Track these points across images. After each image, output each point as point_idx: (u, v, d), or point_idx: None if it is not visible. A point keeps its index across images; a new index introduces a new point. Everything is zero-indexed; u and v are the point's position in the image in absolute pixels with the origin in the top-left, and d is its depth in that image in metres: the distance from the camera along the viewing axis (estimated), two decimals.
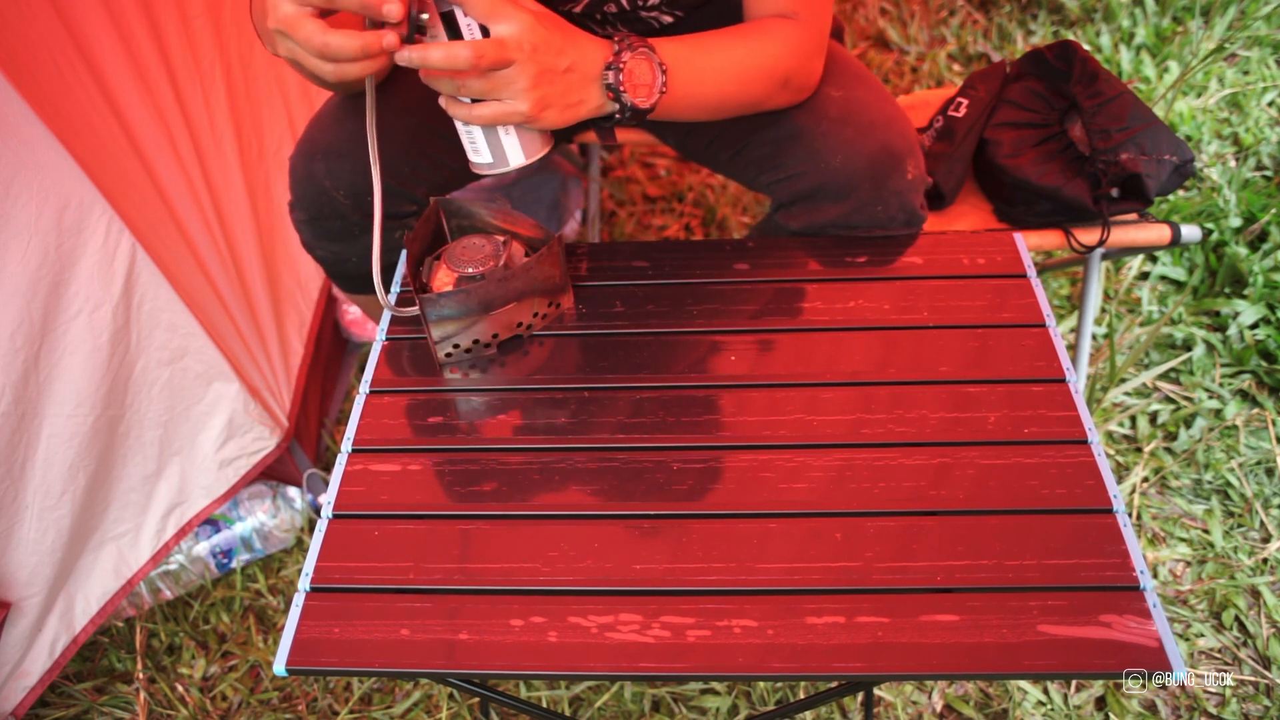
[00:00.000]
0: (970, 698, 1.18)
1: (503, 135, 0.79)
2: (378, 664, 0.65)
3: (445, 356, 0.84)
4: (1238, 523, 1.32)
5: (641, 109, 0.79)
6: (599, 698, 1.20)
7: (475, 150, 0.80)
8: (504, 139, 0.79)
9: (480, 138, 0.79)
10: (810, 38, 0.88)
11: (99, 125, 1.10)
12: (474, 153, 0.81)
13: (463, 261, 0.83)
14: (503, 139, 0.79)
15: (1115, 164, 1.12)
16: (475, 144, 0.80)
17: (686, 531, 0.71)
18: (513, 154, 0.80)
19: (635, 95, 0.78)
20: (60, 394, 1.07)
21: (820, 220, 0.92)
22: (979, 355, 0.82)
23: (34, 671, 1.15)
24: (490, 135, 0.79)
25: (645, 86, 0.78)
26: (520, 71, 0.71)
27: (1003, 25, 2.14)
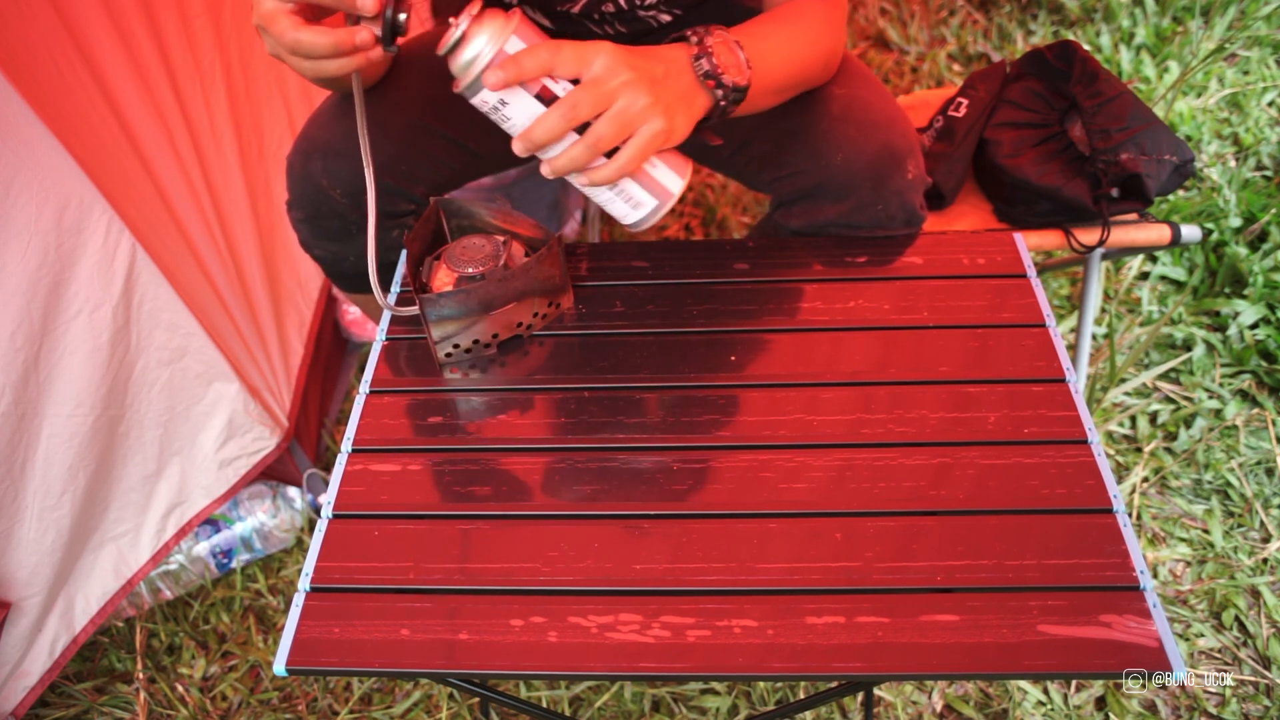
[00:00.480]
0: (970, 698, 1.18)
1: (652, 170, 0.76)
2: (378, 664, 0.65)
3: (445, 356, 0.84)
4: (1238, 523, 1.32)
5: (742, 86, 0.76)
6: (599, 698, 1.20)
7: (636, 204, 0.76)
8: (655, 173, 0.76)
9: (635, 188, 0.75)
10: (837, 16, 0.88)
11: (99, 125, 1.10)
12: (634, 208, 0.77)
13: (463, 261, 0.83)
14: (654, 174, 0.76)
15: (1115, 164, 1.12)
16: (633, 198, 0.76)
17: (686, 531, 0.71)
18: (670, 181, 0.76)
19: (733, 75, 0.76)
20: (60, 394, 1.07)
21: (820, 219, 0.92)
22: (979, 355, 0.82)
23: (34, 671, 1.15)
24: (643, 179, 0.75)
25: (735, 66, 0.76)
26: (636, 91, 0.70)
27: (1003, 25, 2.14)
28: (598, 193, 0.76)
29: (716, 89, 0.75)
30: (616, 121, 0.69)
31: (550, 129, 0.68)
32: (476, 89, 0.70)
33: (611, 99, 0.69)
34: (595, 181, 0.72)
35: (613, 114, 0.69)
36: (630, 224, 0.78)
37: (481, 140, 1.04)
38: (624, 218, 0.78)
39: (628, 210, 0.77)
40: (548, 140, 0.69)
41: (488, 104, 0.71)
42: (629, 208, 0.77)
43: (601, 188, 0.75)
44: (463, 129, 1.01)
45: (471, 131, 1.03)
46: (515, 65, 0.68)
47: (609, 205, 0.77)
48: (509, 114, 0.71)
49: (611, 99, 0.69)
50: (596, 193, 0.76)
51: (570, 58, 0.69)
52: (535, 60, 0.68)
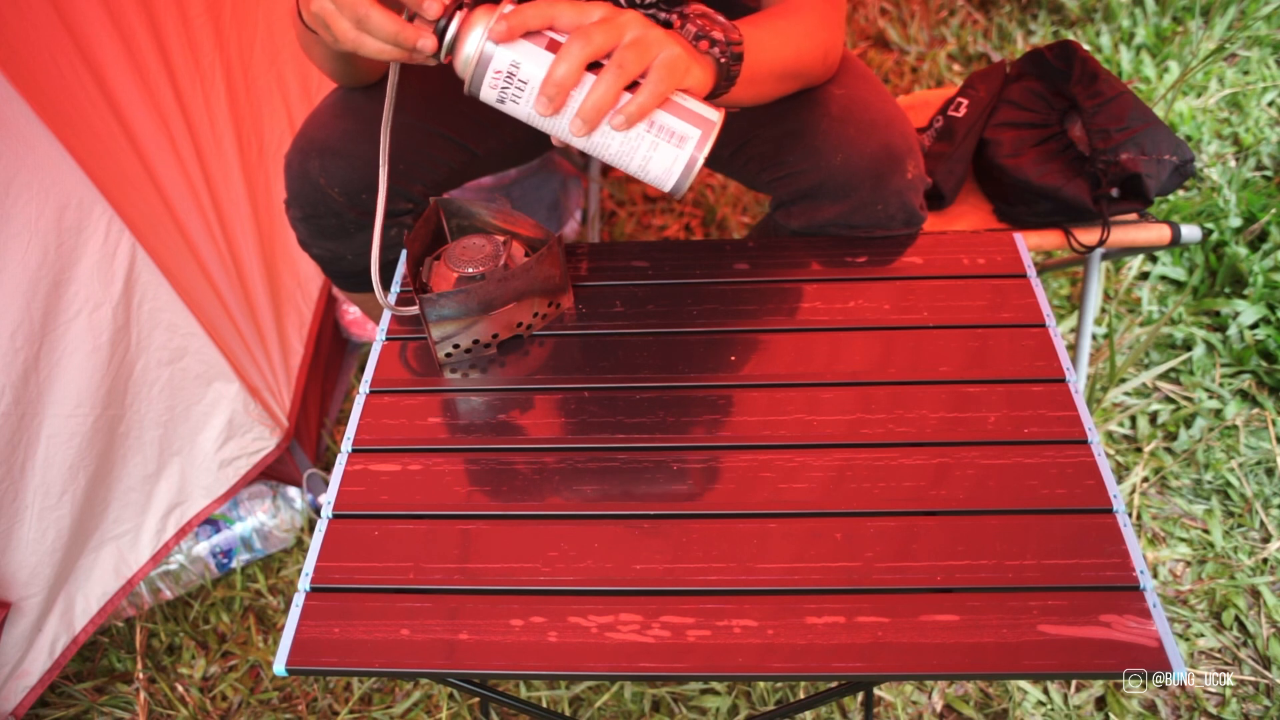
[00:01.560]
0: (970, 698, 1.18)
1: (683, 103, 0.70)
2: (378, 664, 0.65)
3: (445, 356, 0.84)
4: (1238, 523, 1.32)
5: (735, 39, 0.74)
6: (599, 698, 1.20)
7: (680, 139, 0.70)
8: (687, 104, 0.71)
9: (673, 120, 0.70)
10: (834, 13, 0.88)
11: (99, 125, 1.10)
12: (679, 144, 0.70)
13: (462, 261, 0.83)
14: (686, 104, 0.71)
15: (1115, 164, 1.12)
16: (675, 131, 0.70)
17: (686, 531, 0.71)
18: (706, 111, 0.71)
19: (722, 31, 0.74)
20: (60, 394, 1.07)
21: (820, 219, 0.92)
22: (979, 355, 0.82)
23: (34, 671, 1.15)
24: (676, 109, 0.70)
25: (721, 25, 0.75)
26: (645, 25, 0.68)
27: (1003, 25, 2.14)
28: (636, 149, 0.71)
29: (712, 47, 0.74)
30: (635, 47, 0.67)
31: (571, 62, 0.66)
32: (484, 69, 0.68)
33: (623, 30, 0.68)
34: (633, 114, 0.68)
35: (630, 41, 0.68)
36: (677, 174, 0.71)
37: (480, 139, 1.04)
38: (670, 169, 0.71)
39: (672, 153, 0.70)
40: (570, 76, 0.66)
41: (500, 77, 0.68)
42: (672, 148, 0.70)
43: (639, 139, 0.70)
44: (461, 128, 1.01)
45: (470, 130, 1.03)
46: (517, 15, 0.67)
47: (651, 159, 0.71)
48: (525, 76, 0.68)
49: (623, 30, 0.68)
50: (634, 150, 0.71)
51: (568, 8, 0.68)
52: (535, 11, 0.67)
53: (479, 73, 0.69)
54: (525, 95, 0.69)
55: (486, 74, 0.69)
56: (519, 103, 0.70)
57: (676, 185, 0.72)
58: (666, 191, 0.73)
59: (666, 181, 0.72)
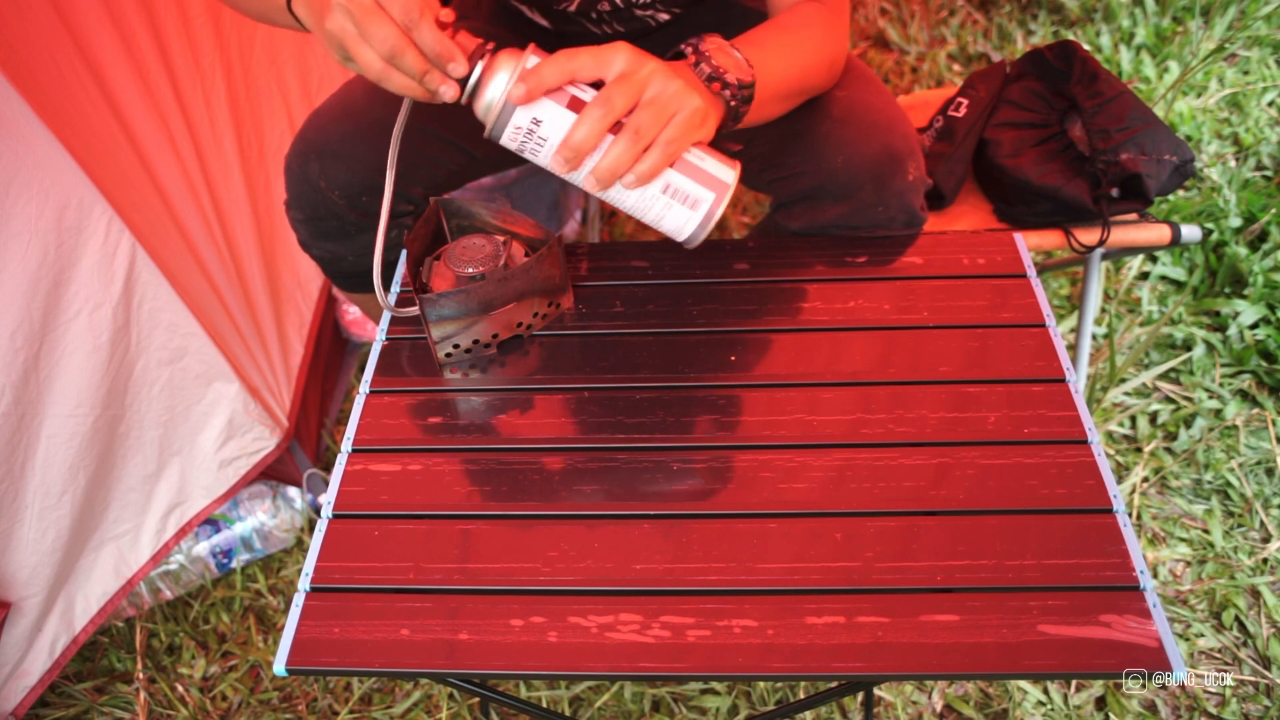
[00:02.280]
0: (970, 698, 1.18)
1: (699, 162, 0.72)
2: (378, 664, 0.65)
3: (445, 356, 0.84)
4: (1238, 523, 1.32)
5: (748, 83, 0.75)
6: (599, 698, 1.20)
7: (694, 202, 0.72)
8: (703, 165, 0.72)
9: (687, 183, 0.71)
10: (839, 22, 0.88)
11: (99, 125, 1.10)
12: (693, 207, 0.72)
13: (463, 261, 0.83)
14: (702, 165, 0.72)
15: (1115, 164, 1.12)
16: (689, 195, 0.72)
17: (686, 531, 0.71)
18: (721, 171, 0.72)
19: (736, 73, 0.74)
20: (60, 394, 1.07)
21: (821, 220, 0.92)
22: (979, 355, 0.82)
23: (34, 671, 1.15)
24: (691, 171, 0.72)
25: (736, 65, 0.74)
26: (666, 77, 0.68)
27: (1003, 25, 2.14)
28: (649, 205, 0.72)
29: (724, 90, 0.74)
30: (653, 107, 0.67)
31: (589, 128, 0.66)
32: (505, 122, 0.69)
33: (643, 86, 0.67)
34: (644, 174, 0.69)
35: (648, 100, 0.67)
36: (691, 231, 0.73)
37: (479, 142, 1.04)
38: (683, 228, 0.73)
39: (685, 214, 0.72)
40: (588, 142, 0.67)
41: (520, 131, 0.69)
42: (686, 209, 0.72)
43: (653, 194, 0.71)
44: (460, 130, 1.02)
45: (470, 133, 1.03)
46: (536, 76, 0.67)
47: (664, 217, 0.73)
48: (545, 133, 0.69)
49: (643, 86, 0.67)
50: (648, 204, 0.72)
51: (588, 60, 0.68)
52: (554, 68, 0.67)
53: (500, 123, 0.69)
54: (545, 150, 0.70)
55: (507, 127, 0.69)
56: (537, 155, 0.71)
57: (689, 239, 0.75)
58: (679, 241, 0.75)
59: (679, 236, 0.75)
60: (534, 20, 1.03)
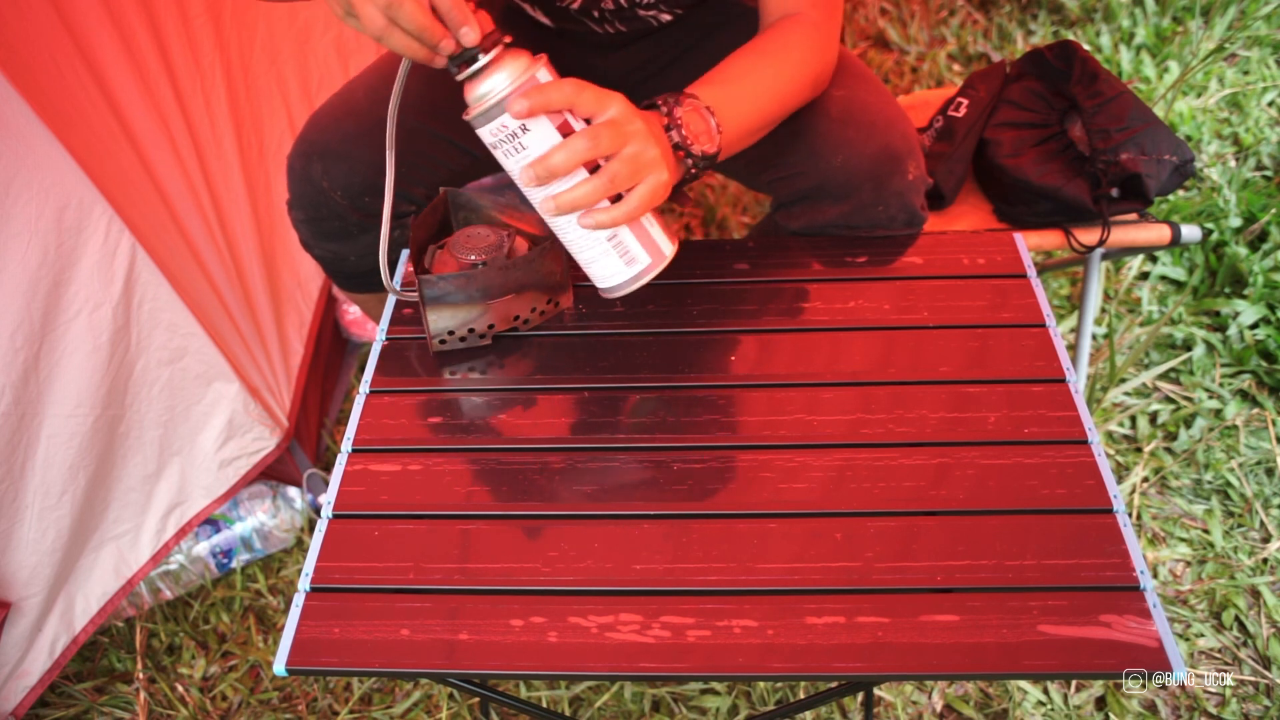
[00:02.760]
0: (970, 698, 1.18)
1: (649, 228, 0.75)
2: (378, 664, 0.65)
3: (440, 344, 0.84)
4: (1238, 523, 1.32)
5: (710, 154, 0.78)
6: (599, 698, 1.20)
7: (630, 259, 0.75)
8: (652, 231, 0.75)
9: (632, 241, 0.74)
10: (826, 35, 0.88)
11: (99, 125, 1.10)
12: (628, 264, 0.75)
13: (466, 249, 0.84)
14: (651, 232, 0.75)
15: (1115, 164, 1.12)
16: (629, 252, 0.75)
17: (686, 531, 0.71)
18: (664, 243, 0.76)
19: (701, 144, 0.77)
20: (60, 394, 1.07)
21: (821, 220, 0.92)
22: (979, 355, 0.82)
23: (34, 671, 1.15)
24: (640, 233, 0.75)
25: (705, 134, 0.78)
26: (647, 141, 0.71)
27: (1003, 25, 2.14)
28: (589, 245, 0.74)
29: (686, 158, 0.77)
30: (631, 163, 0.70)
31: (570, 155, 0.68)
32: (493, 117, 0.70)
33: (627, 140, 0.70)
34: (600, 224, 0.71)
35: (628, 155, 0.70)
36: (614, 284, 0.77)
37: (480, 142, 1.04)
38: (609, 277, 0.76)
39: (619, 267, 0.75)
40: (563, 167, 0.69)
41: (504, 132, 0.70)
42: (621, 263, 0.75)
43: (596, 239, 0.74)
44: (463, 131, 1.01)
45: (472, 134, 1.03)
46: (541, 94, 0.68)
47: (597, 261, 0.75)
48: (526, 143, 0.70)
49: (627, 140, 0.70)
50: (587, 245, 0.75)
51: (591, 98, 0.70)
52: (560, 93, 0.69)
53: (487, 115, 0.70)
54: (518, 157, 0.71)
55: (494, 122, 0.70)
56: (509, 159, 0.72)
57: (608, 290, 0.77)
58: (599, 289, 0.78)
59: (600, 283, 0.78)
60: (535, 18, 1.03)
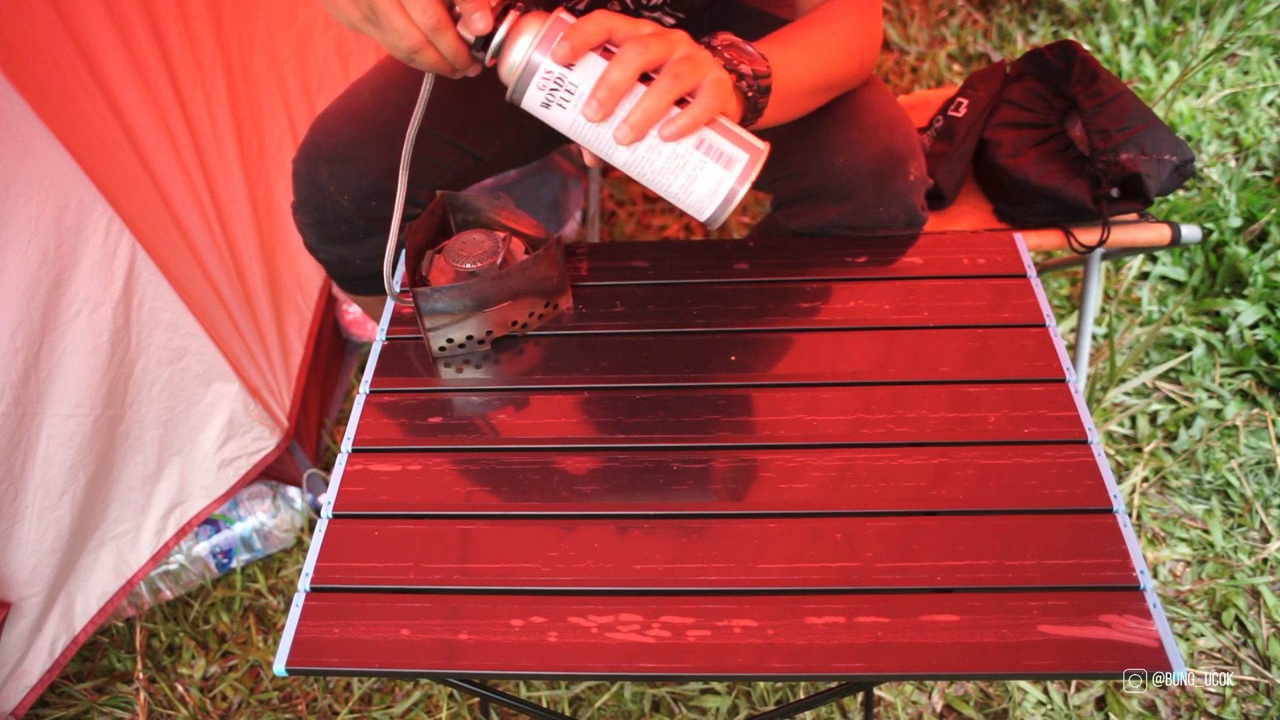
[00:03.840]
0: (970, 698, 1.18)
1: (729, 125, 0.70)
2: (378, 664, 0.65)
3: (439, 350, 0.84)
4: (1238, 523, 1.32)
5: (763, 72, 0.73)
6: (599, 698, 1.20)
7: (728, 160, 0.69)
8: (734, 128, 0.70)
9: (724, 141, 0.69)
10: (869, 15, 0.88)
11: (99, 125, 1.10)
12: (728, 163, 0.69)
13: (461, 257, 0.83)
14: (733, 128, 0.70)
15: (1115, 164, 1.12)
16: (724, 152, 0.69)
17: (686, 531, 0.71)
18: (752, 139, 0.70)
19: (750, 64, 0.73)
20: (60, 394, 1.07)
21: (822, 220, 0.92)
22: (979, 355, 0.82)
23: (34, 671, 1.15)
24: (724, 131, 0.69)
25: (748, 57, 0.74)
26: (693, 44, 0.69)
27: (1003, 25, 2.14)
28: (681, 164, 0.69)
29: (739, 81, 0.73)
30: (688, 61, 0.67)
31: (626, 66, 0.65)
32: (532, 73, 0.67)
33: (675, 44, 0.68)
34: (682, 128, 0.66)
35: (682, 55, 0.67)
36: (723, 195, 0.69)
37: (485, 144, 1.04)
38: (716, 190, 0.69)
39: (720, 174, 0.69)
40: (624, 81, 0.65)
41: (550, 79, 0.67)
42: (720, 168, 0.68)
43: (686, 154, 0.68)
44: (467, 134, 1.02)
45: (476, 136, 1.03)
46: (578, 31, 0.66)
47: (696, 179, 0.69)
48: (576, 79, 0.66)
49: (675, 44, 0.68)
50: (679, 165, 0.69)
51: (624, 21, 0.68)
52: (595, 24, 0.66)
53: (525, 77, 0.67)
54: (573, 100, 0.68)
55: (535, 78, 0.67)
56: (565, 107, 0.68)
57: (716, 212, 0.71)
58: (704, 219, 0.71)
59: (709, 205, 0.70)
60: None
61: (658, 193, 0.72)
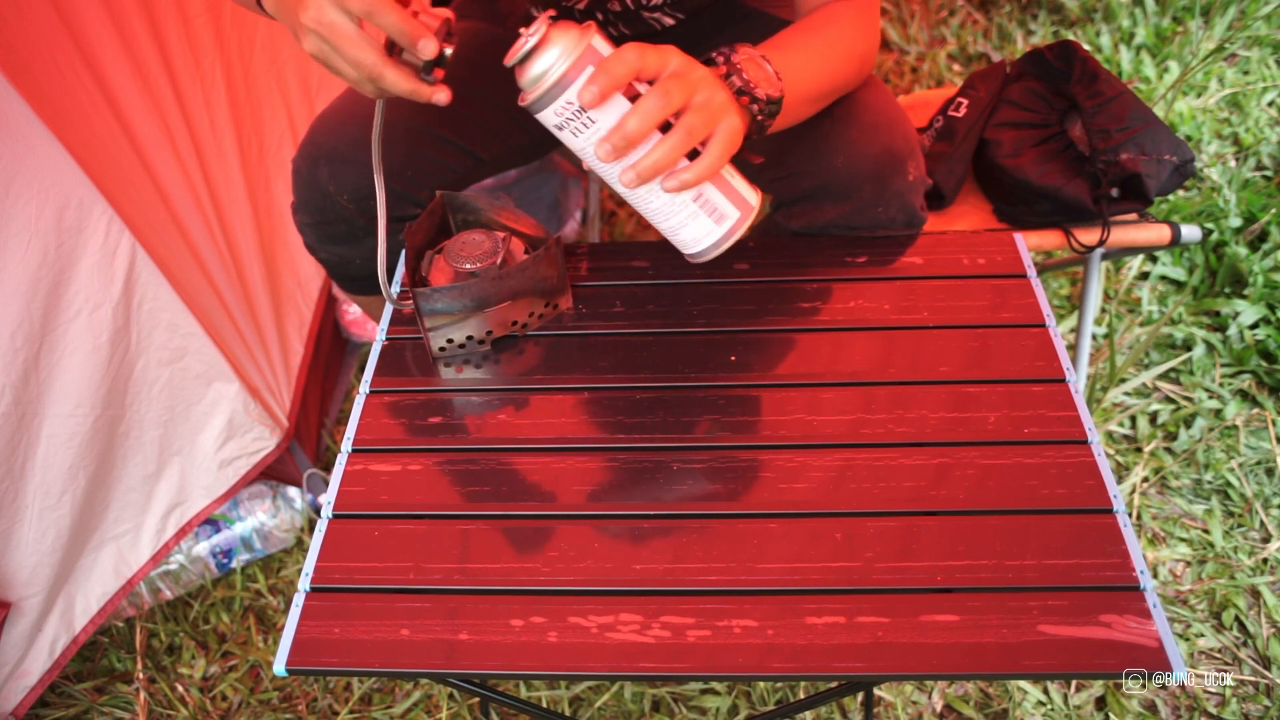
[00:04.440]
0: (970, 698, 1.18)
1: (730, 180, 0.72)
2: (378, 664, 0.65)
3: (439, 350, 0.84)
4: (1238, 523, 1.32)
5: (775, 99, 0.75)
6: (599, 698, 1.20)
7: (720, 216, 0.72)
8: (733, 182, 0.72)
9: (718, 197, 0.71)
10: (868, 16, 0.88)
11: (99, 125, 1.10)
12: (719, 221, 0.72)
13: (461, 257, 0.83)
14: (733, 184, 0.72)
15: (1115, 164, 1.12)
16: (717, 208, 0.71)
17: (686, 531, 0.71)
18: (748, 194, 0.73)
19: (765, 89, 0.74)
20: (60, 394, 1.07)
21: (821, 220, 0.92)
22: (979, 355, 0.82)
23: (34, 671, 1.15)
24: (724, 186, 0.71)
25: (766, 79, 0.74)
26: (714, 86, 0.69)
27: (1003, 25, 2.14)
28: (674, 211, 0.71)
29: (751, 104, 0.74)
30: (703, 111, 0.67)
31: (645, 118, 0.65)
32: (555, 96, 0.66)
33: (695, 90, 0.67)
34: (685, 184, 0.68)
35: (699, 103, 0.67)
36: (706, 245, 0.73)
37: (485, 145, 1.04)
38: (700, 239, 0.73)
39: (708, 227, 0.72)
40: (640, 131, 0.65)
41: (570, 109, 0.67)
42: (710, 222, 0.72)
43: (681, 202, 0.71)
44: (467, 134, 1.02)
45: (477, 136, 1.03)
46: (607, 74, 0.65)
47: (685, 226, 0.72)
48: (595, 116, 0.67)
49: (695, 90, 0.67)
50: (672, 211, 0.71)
51: (654, 58, 0.67)
52: (624, 65, 0.66)
53: (548, 97, 0.67)
54: (588, 133, 0.68)
55: (556, 103, 0.67)
56: (578, 136, 0.69)
57: (697, 255, 0.75)
58: (687, 255, 0.75)
59: (692, 248, 0.75)
60: None
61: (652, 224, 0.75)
